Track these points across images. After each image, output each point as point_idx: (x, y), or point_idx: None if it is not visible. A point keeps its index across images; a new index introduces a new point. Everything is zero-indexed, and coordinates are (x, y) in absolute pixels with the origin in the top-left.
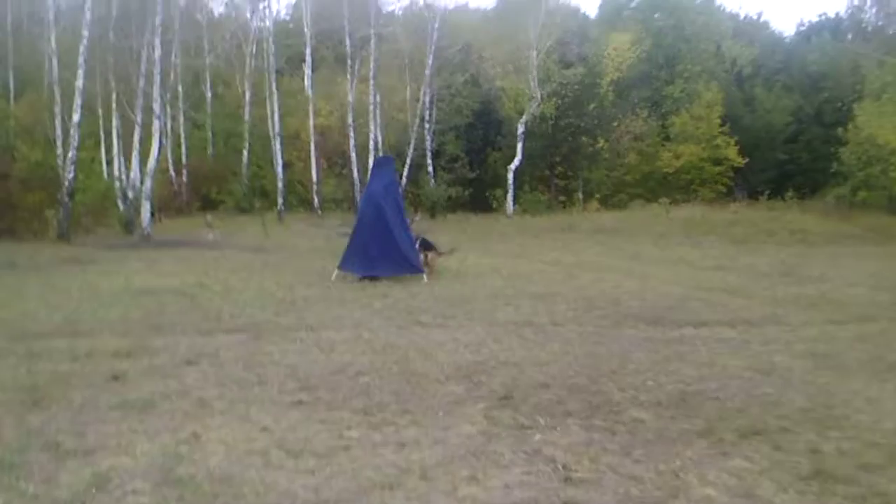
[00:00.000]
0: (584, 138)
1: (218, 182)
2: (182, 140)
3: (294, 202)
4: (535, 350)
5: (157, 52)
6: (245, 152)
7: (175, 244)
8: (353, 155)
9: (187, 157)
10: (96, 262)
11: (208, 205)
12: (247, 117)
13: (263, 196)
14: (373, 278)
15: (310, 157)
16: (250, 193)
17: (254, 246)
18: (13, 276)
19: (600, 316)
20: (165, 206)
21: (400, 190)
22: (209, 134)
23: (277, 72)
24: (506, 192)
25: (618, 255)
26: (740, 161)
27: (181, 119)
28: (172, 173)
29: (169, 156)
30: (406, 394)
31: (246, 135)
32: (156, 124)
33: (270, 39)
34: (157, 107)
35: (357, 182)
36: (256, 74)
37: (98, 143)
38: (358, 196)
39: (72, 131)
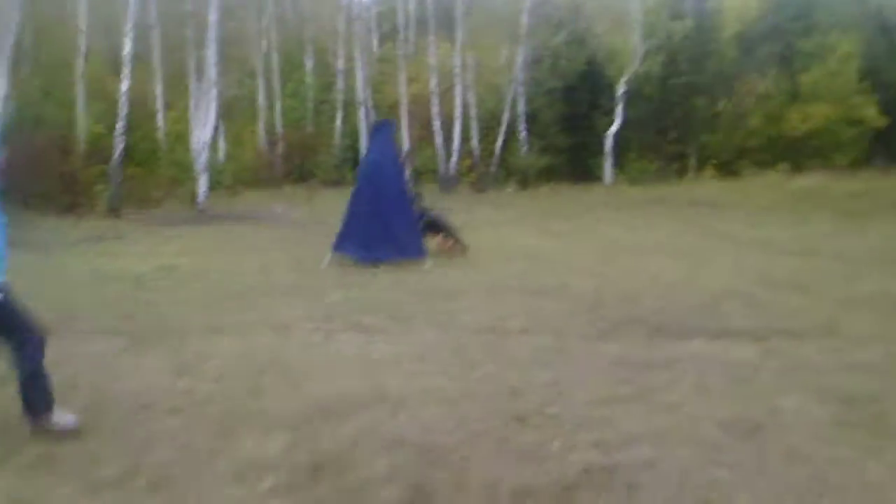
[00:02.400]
0: (700, 99)
1: (313, 153)
2: (277, 110)
3: None
4: (450, 379)
5: (213, 17)
6: (338, 123)
7: (226, 218)
8: (437, 123)
9: (283, 127)
10: (120, 240)
11: (303, 177)
12: (340, 86)
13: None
14: (372, 263)
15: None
16: (342, 165)
17: (301, 220)
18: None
19: (593, 320)
20: (255, 177)
21: (401, 159)
22: (309, 104)
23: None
24: (605, 160)
25: (695, 233)
26: (881, 122)
27: (277, 88)
28: (265, 144)
29: (260, 127)
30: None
31: (338, 105)
32: (212, 93)
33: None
34: (213, 73)
35: (441, 151)
36: (351, 41)
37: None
38: (441, 166)
39: (121, 100)
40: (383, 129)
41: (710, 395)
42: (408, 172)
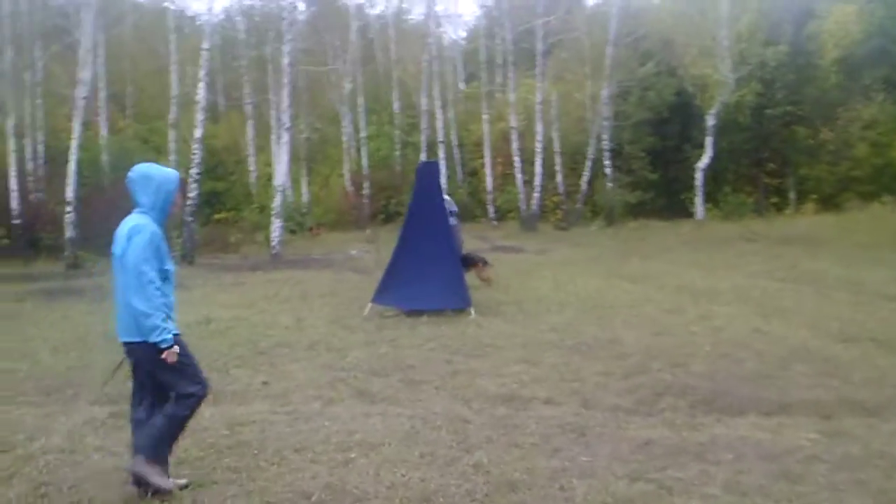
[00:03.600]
0: (799, 128)
1: (398, 193)
2: (362, 151)
3: (478, 212)
4: (433, 469)
5: (286, 60)
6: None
7: (297, 263)
8: (517, 160)
9: (369, 168)
10: (177, 289)
11: (389, 217)
12: (424, 125)
13: None
14: (415, 313)
15: (498, 165)
16: None
17: (369, 265)
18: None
19: (632, 387)
20: (341, 219)
21: (447, 203)
22: (395, 144)
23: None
24: (695, 195)
25: (779, 275)
26: None
27: (362, 130)
28: (351, 185)
29: (345, 169)
30: None
31: (423, 144)
32: (284, 136)
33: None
34: (285, 117)
35: (521, 189)
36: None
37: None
38: (523, 204)
39: (194, 146)
40: (427, 171)
41: (743, 498)
42: (452, 217)
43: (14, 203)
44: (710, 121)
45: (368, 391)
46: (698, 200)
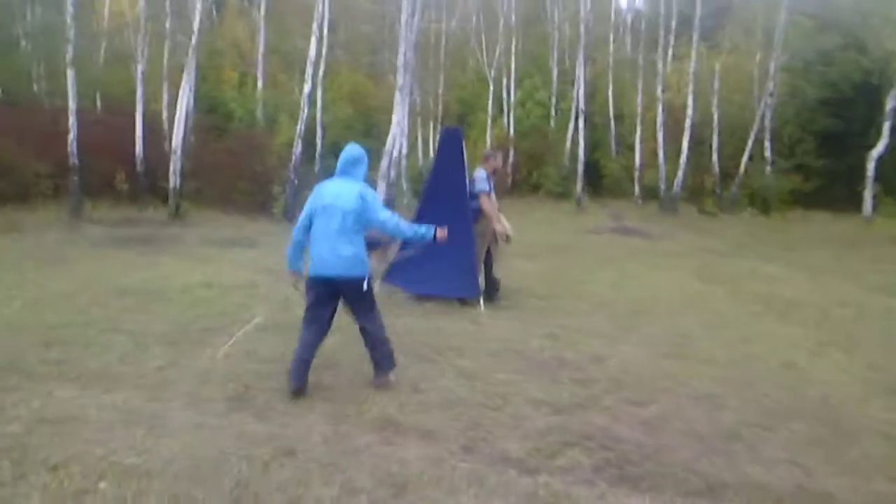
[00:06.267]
0: None
1: (542, 164)
2: (509, 118)
3: (629, 190)
4: None
5: (404, 16)
6: (570, 132)
7: None
8: (660, 136)
9: (513, 136)
10: (244, 248)
11: (532, 188)
12: (580, 92)
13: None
14: (423, 297)
15: (653, 139)
16: (568, 177)
17: None
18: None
19: (538, 433)
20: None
21: (467, 177)
22: (550, 111)
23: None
24: (865, 188)
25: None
26: None
27: (510, 95)
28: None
29: (487, 135)
30: None
31: (573, 113)
32: (396, 97)
33: None
34: (400, 77)
35: (662, 167)
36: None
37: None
38: (663, 185)
39: (302, 103)
40: (451, 138)
41: None
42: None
43: (138, 149)
44: (891, 103)
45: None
46: (867, 194)
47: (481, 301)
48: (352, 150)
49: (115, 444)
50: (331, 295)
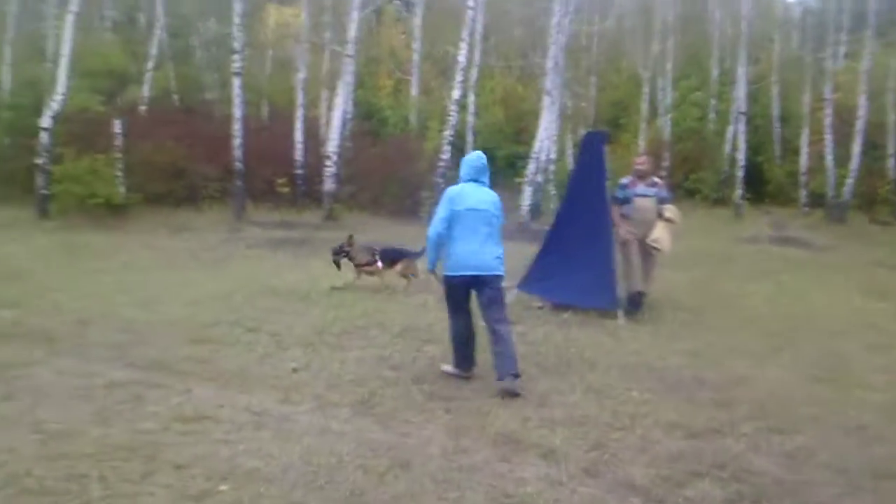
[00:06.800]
0: None
1: (699, 168)
2: (664, 120)
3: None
4: None
5: (555, 19)
6: (729, 135)
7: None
8: (829, 139)
9: (670, 138)
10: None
11: (689, 193)
12: (741, 93)
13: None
14: (559, 306)
15: (820, 143)
16: (725, 182)
17: None
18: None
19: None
20: None
21: (606, 182)
22: (709, 113)
23: None
24: None
25: None
26: None
27: (666, 97)
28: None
29: (640, 138)
30: None
31: (732, 115)
32: (545, 100)
33: None
34: (548, 81)
35: (831, 172)
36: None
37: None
38: (831, 191)
39: (450, 108)
40: (593, 142)
41: None
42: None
43: (298, 154)
44: None
45: (327, 401)
46: None
47: (620, 312)
48: (479, 158)
49: (241, 446)
50: (469, 293)
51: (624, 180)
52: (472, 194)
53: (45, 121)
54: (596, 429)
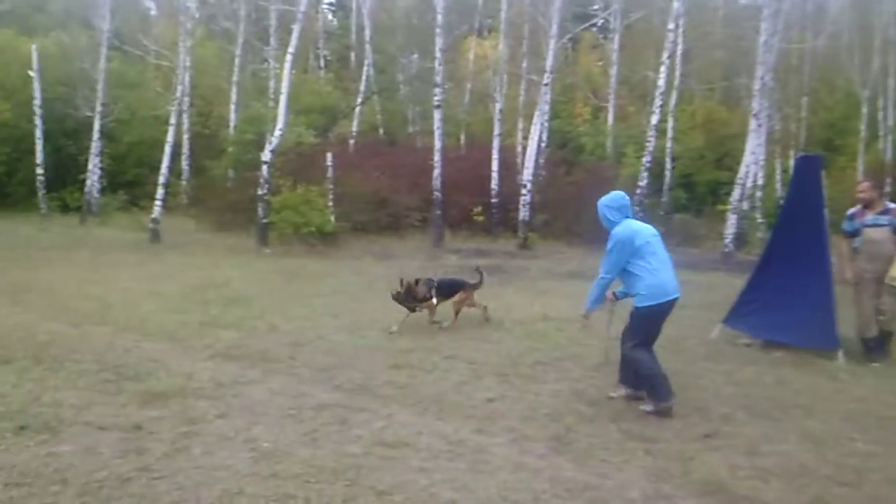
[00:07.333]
0: None
1: None
2: (886, 142)
3: None
4: None
5: (763, 38)
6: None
7: (745, 267)
8: None
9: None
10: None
11: None
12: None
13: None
14: (770, 344)
15: None
16: None
17: None
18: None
19: None
20: None
21: (825, 210)
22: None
23: None
24: None
25: None
26: None
27: (889, 116)
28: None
29: (859, 162)
30: None
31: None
32: (751, 123)
33: None
34: (756, 103)
35: None
36: None
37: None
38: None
39: (648, 133)
40: (807, 166)
41: None
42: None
43: (494, 183)
44: None
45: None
46: None
47: (840, 353)
48: (623, 197)
49: (438, 475)
50: None
51: (851, 211)
52: (642, 228)
53: (266, 155)
54: (815, 483)
